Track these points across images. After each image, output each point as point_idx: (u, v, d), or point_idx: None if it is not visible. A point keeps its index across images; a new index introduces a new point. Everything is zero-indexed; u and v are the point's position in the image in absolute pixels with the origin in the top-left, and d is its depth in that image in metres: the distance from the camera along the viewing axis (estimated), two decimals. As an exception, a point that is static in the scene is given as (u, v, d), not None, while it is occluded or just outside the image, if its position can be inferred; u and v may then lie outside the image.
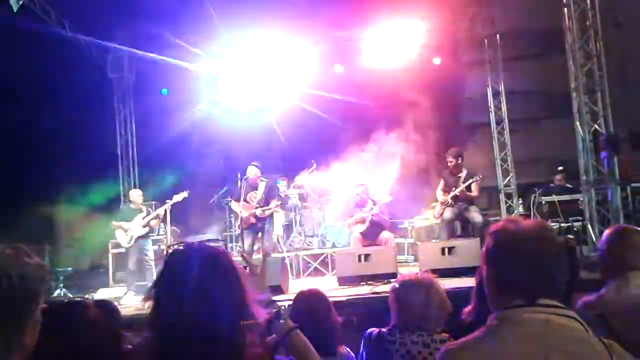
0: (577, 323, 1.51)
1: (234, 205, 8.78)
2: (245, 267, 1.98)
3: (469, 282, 6.12)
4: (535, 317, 1.49)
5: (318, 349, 2.01)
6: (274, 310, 1.96)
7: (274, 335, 1.92)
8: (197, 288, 1.57)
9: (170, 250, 1.71)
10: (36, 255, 1.47)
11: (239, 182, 8.79)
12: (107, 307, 2.74)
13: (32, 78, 10.03)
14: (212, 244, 1.71)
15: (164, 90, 12.11)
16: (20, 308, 1.38)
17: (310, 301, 2.97)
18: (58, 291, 8.56)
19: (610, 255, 2.77)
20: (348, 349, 2.99)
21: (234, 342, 1.56)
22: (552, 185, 9.95)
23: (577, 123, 8.10)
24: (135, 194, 8.88)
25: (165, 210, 8.72)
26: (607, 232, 2.89)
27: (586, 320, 1.53)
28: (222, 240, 8.11)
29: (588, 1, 7.88)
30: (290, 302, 2.97)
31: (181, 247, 1.69)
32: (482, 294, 2.30)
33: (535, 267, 1.55)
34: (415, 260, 9.26)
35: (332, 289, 6.93)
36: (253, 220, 8.44)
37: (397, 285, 2.88)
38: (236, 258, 1.80)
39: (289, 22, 10.01)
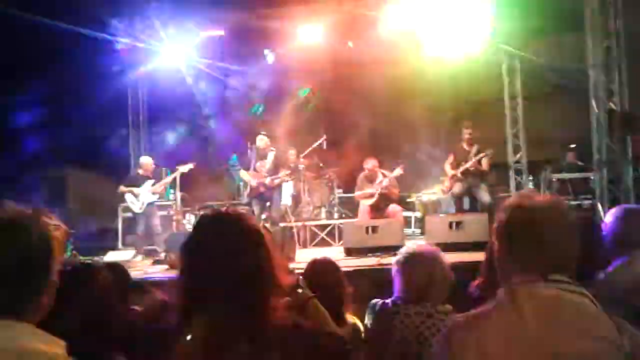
0: (587, 299, 1.50)
1: (243, 173, 8.80)
2: None
3: (475, 256, 6.13)
4: (546, 292, 1.49)
5: None
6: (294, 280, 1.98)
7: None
8: (226, 252, 1.59)
9: (199, 215, 1.73)
10: (55, 218, 1.48)
11: (249, 151, 8.82)
12: (116, 270, 2.78)
13: (42, 44, 9.99)
14: (239, 210, 1.72)
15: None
16: (40, 267, 1.40)
17: (323, 270, 2.98)
18: (68, 253, 8.67)
19: (616, 234, 2.76)
20: (356, 319, 3.01)
21: (260, 307, 1.58)
22: (563, 162, 9.89)
23: (592, 101, 7.99)
24: (146, 161, 8.95)
25: (174, 178, 8.80)
26: (612, 210, 2.89)
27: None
28: (249, 206, 8.16)
29: (609, -23, 7.71)
30: (301, 271, 2.98)
31: (210, 212, 1.70)
32: (491, 268, 2.32)
33: (547, 242, 1.54)
34: (422, 233, 9.28)
35: (339, 259, 6.96)
36: (262, 189, 8.47)
37: (400, 257, 2.88)
38: None
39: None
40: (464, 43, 9.64)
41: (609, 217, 2.86)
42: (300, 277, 2.06)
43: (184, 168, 8.84)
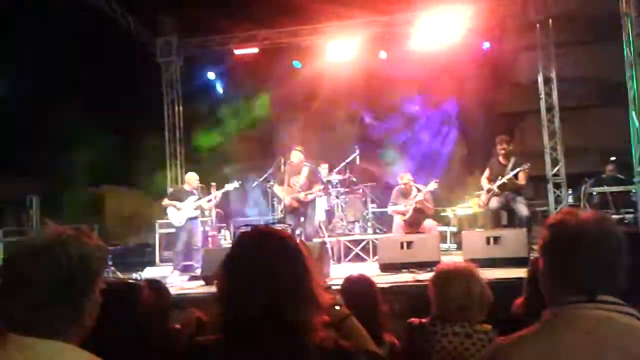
0: (637, 321, 1.45)
1: (277, 189, 8.84)
2: None
3: (514, 273, 6.00)
4: (596, 314, 1.44)
5: None
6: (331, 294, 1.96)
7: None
8: (267, 271, 1.59)
9: (239, 233, 1.73)
10: (96, 236, 1.50)
11: (282, 166, 8.85)
12: (158, 288, 2.80)
13: (84, 64, 10.30)
14: (279, 227, 1.72)
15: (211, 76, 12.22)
16: (80, 288, 1.41)
17: (358, 287, 2.95)
18: (107, 270, 8.82)
19: None
20: (393, 338, 2.97)
21: (302, 326, 1.56)
22: (603, 175, 9.65)
23: (633, 112, 7.81)
24: (193, 177, 9.01)
25: (217, 196, 8.92)
26: None
27: None
28: (289, 225, 8.18)
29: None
30: (337, 287, 2.96)
31: (250, 230, 1.71)
32: (535, 287, 2.26)
33: (594, 262, 1.49)
34: (458, 248, 9.15)
35: (374, 275, 6.90)
36: (296, 204, 8.48)
37: (435, 275, 2.83)
38: None
39: (333, 7, 9.97)
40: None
41: None
42: (338, 293, 2.04)
43: (231, 186, 8.90)
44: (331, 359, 1.58)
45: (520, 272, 5.68)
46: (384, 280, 6.44)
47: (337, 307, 1.93)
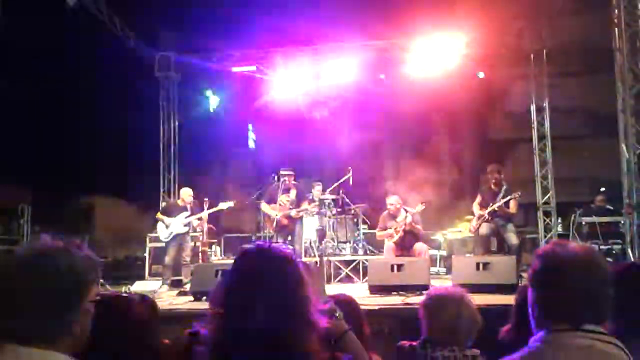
0: (619, 350, 1.50)
1: (264, 206, 8.92)
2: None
3: (502, 299, 6.04)
4: (580, 342, 1.50)
5: None
6: (331, 311, 1.97)
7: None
8: (268, 292, 1.59)
9: (241, 251, 1.74)
10: (87, 248, 1.53)
11: (272, 184, 8.94)
12: (147, 302, 2.81)
13: (81, 73, 10.34)
14: (281, 248, 1.73)
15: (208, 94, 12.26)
16: (70, 298, 1.43)
17: (342, 308, 2.97)
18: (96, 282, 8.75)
19: None
20: (380, 359, 2.99)
21: (301, 349, 1.57)
22: (592, 205, 9.76)
23: (623, 144, 7.93)
24: (187, 193, 9.01)
25: (205, 215, 8.97)
26: None
27: None
28: (291, 245, 8.21)
29: (640, 21, 7.72)
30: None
31: (253, 249, 1.72)
32: (523, 313, 2.30)
33: (581, 292, 1.55)
34: (448, 272, 9.18)
35: (363, 296, 6.92)
36: (285, 222, 8.57)
37: (426, 299, 2.87)
38: None
39: (332, 28, 10.10)
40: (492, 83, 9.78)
41: None
42: (337, 308, 2.05)
43: (224, 205, 8.94)
44: None
45: (508, 299, 5.73)
46: (373, 302, 6.45)
47: (336, 322, 1.95)
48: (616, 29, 7.95)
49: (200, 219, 8.90)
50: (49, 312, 1.40)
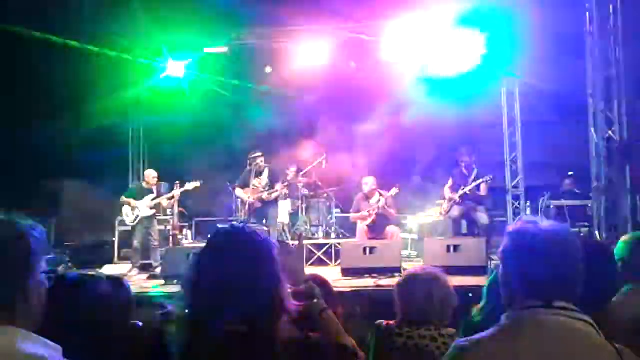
0: (590, 327, 1.51)
1: (238, 191, 8.86)
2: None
3: (472, 281, 6.13)
4: (550, 319, 1.50)
5: None
6: (311, 290, 1.97)
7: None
8: (238, 270, 1.60)
9: (215, 231, 1.73)
10: (35, 222, 1.48)
11: (245, 168, 8.86)
12: (118, 283, 2.76)
13: (47, 48, 10.03)
14: (255, 229, 1.73)
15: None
16: (20, 268, 1.39)
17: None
18: (63, 265, 8.61)
19: (630, 263, 2.74)
20: (352, 340, 2.99)
21: (266, 325, 1.59)
22: (561, 189, 9.92)
23: (592, 129, 8.05)
24: (150, 175, 8.91)
25: (174, 195, 8.83)
26: (625, 238, 2.88)
27: None
28: (265, 226, 8.18)
29: (610, 7, 7.78)
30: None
31: (226, 228, 1.71)
32: (493, 293, 2.32)
33: (552, 269, 1.54)
34: (419, 256, 9.27)
35: (336, 279, 6.95)
36: (259, 205, 8.53)
37: (401, 280, 2.89)
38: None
39: (304, 11, 9.99)
40: (463, 66, 9.79)
41: (620, 244, 2.86)
42: (316, 286, 2.05)
43: (190, 185, 8.83)
44: (299, 351, 1.60)
45: (479, 280, 5.83)
46: (345, 284, 6.49)
47: (315, 301, 1.95)
48: (587, 13, 8.03)
49: (170, 198, 8.78)
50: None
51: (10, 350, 1.30)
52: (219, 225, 1.79)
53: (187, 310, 1.63)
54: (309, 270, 8.61)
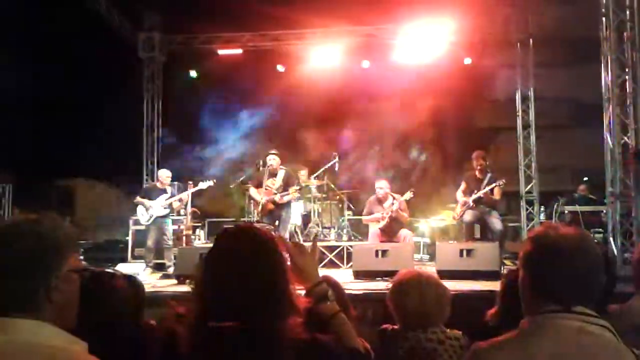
0: (609, 332, 1.51)
1: (252, 191, 8.83)
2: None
3: (485, 285, 6.10)
4: (569, 324, 1.50)
5: None
6: (323, 292, 1.96)
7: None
8: (245, 270, 1.60)
9: (223, 230, 1.74)
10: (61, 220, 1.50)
11: (259, 169, 8.85)
12: (132, 282, 2.78)
13: (64, 53, 10.14)
14: (262, 228, 1.73)
15: (193, 75, 12.14)
16: (39, 264, 1.39)
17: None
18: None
19: (636, 268, 2.72)
20: (365, 342, 2.98)
21: (273, 325, 1.58)
22: (575, 195, 9.85)
23: (607, 134, 7.97)
24: (164, 174, 8.93)
25: (188, 195, 8.87)
26: None
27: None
28: (273, 226, 8.18)
29: (627, 12, 7.71)
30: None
31: (234, 228, 1.71)
32: (508, 297, 2.31)
33: (572, 274, 1.55)
34: (431, 259, 9.23)
35: (347, 281, 6.94)
36: (271, 206, 8.48)
37: (390, 290, 2.85)
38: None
39: (318, 14, 10.03)
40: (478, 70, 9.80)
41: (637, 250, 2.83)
42: (329, 288, 2.04)
43: (203, 185, 8.85)
44: (307, 352, 1.59)
45: (492, 285, 5.79)
46: (357, 287, 6.47)
47: (328, 303, 1.94)
48: (603, 18, 7.96)
49: (180, 200, 8.81)
50: (27, 277, 1.37)
51: (36, 344, 1.32)
52: (227, 226, 1.78)
53: (196, 310, 1.64)
54: (321, 272, 8.60)
